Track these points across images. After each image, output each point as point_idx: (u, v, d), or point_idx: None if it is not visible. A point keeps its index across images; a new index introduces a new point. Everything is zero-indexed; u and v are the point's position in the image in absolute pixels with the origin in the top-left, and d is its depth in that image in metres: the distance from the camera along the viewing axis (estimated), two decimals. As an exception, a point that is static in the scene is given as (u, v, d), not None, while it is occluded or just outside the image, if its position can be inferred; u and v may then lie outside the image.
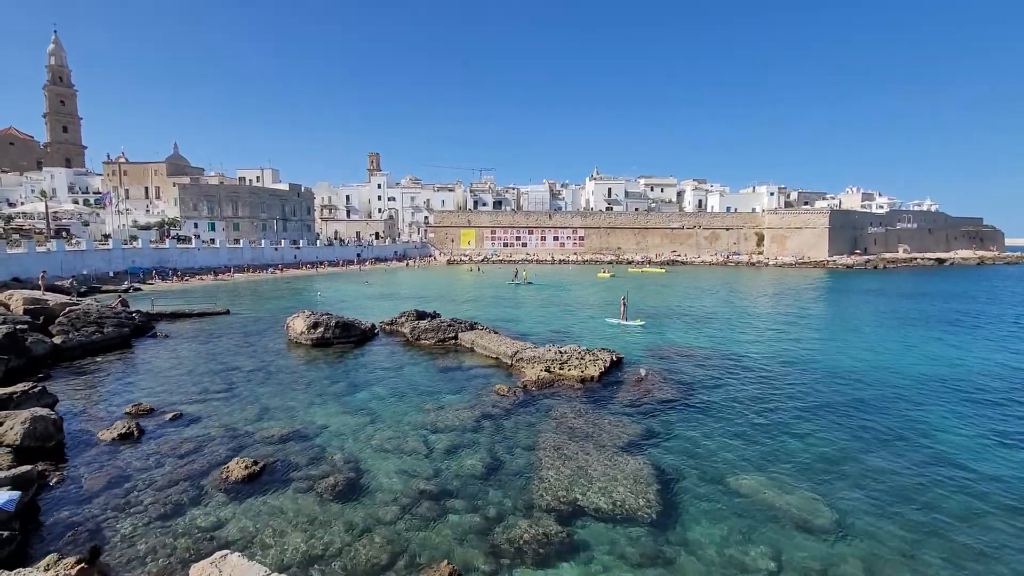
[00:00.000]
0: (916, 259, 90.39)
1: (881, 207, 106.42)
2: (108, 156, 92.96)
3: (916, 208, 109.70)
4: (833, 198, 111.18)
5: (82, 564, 7.01)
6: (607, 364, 17.73)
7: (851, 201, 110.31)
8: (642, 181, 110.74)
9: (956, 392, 16.62)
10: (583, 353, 18.44)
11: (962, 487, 10.32)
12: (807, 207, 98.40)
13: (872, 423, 13.74)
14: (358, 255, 78.33)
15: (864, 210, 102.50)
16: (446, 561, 7.54)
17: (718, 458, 11.48)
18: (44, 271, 36.27)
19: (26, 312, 23.14)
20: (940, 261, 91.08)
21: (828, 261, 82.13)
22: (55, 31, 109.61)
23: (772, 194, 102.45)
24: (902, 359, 21.07)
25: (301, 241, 76.29)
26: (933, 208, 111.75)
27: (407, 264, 79.70)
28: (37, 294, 27.19)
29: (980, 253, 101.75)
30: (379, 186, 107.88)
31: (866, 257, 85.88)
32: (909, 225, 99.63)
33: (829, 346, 23.45)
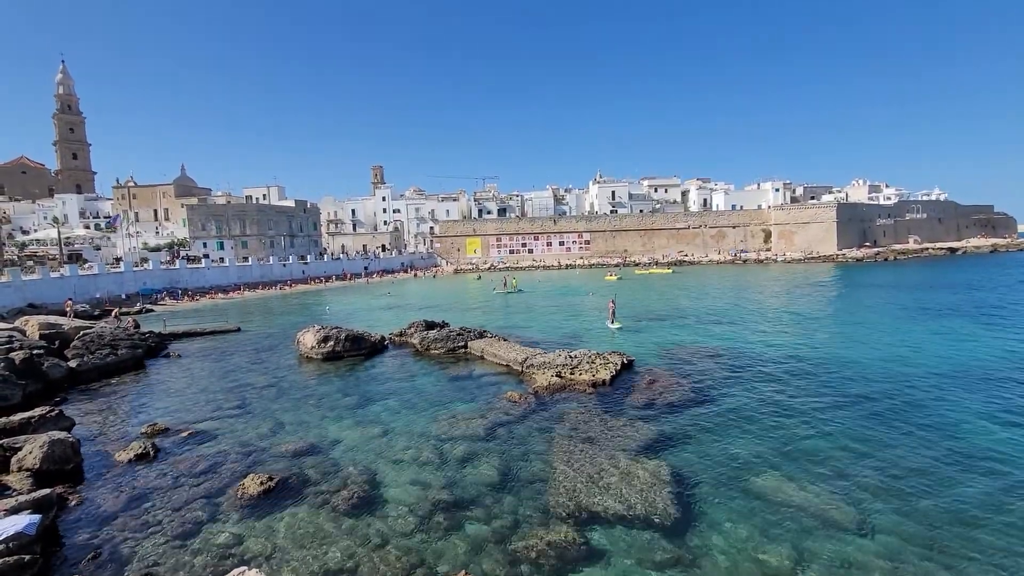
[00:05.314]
0: (927, 249, 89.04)
1: (889, 198, 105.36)
2: (117, 180, 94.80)
3: (924, 198, 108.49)
4: (839, 191, 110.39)
5: None
6: (618, 367, 17.64)
7: (858, 194, 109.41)
8: (646, 183, 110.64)
9: (977, 383, 16.29)
10: (593, 357, 18.37)
11: (987, 479, 10.10)
12: (814, 202, 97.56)
13: (889, 417, 13.51)
14: (365, 268, 78.75)
15: (872, 202, 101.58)
16: (464, 571, 7.51)
17: (734, 457, 11.34)
18: (70, 299, 37.58)
19: (42, 337, 23.49)
20: (952, 250, 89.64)
21: (837, 255, 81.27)
22: (63, 61, 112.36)
23: (777, 190, 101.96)
24: (918, 351, 20.74)
25: (308, 256, 76.88)
26: (942, 197, 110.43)
27: (415, 275, 79.99)
28: (52, 319, 27.60)
29: (993, 241, 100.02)
30: (384, 199, 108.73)
31: (876, 249, 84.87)
32: (918, 215, 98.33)
33: (841, 341, 23.15)
